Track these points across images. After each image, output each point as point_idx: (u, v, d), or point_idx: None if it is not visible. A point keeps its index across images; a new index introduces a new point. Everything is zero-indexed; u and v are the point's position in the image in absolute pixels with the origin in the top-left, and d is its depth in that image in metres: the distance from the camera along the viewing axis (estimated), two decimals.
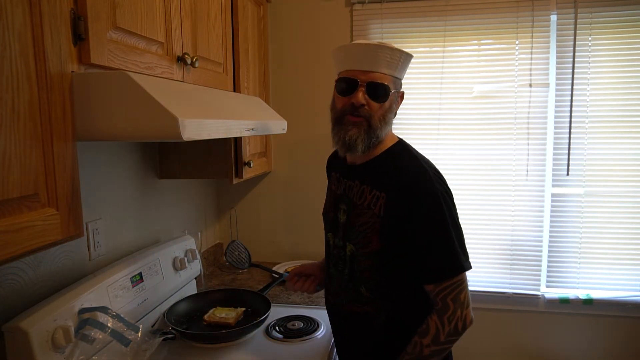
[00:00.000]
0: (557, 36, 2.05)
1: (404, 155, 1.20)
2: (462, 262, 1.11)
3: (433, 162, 1.25)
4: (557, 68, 2.07)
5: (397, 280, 1.17)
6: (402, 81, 1.23)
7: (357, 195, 1.20)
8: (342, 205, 1.25)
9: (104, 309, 1.17)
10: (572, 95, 2.06)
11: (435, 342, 1.10)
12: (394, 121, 2.40)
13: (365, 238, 1.15)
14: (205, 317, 1.56)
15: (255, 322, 1.46)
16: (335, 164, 1.37)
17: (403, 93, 1.24)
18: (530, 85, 2.08)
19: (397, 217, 1.11)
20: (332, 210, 1.29)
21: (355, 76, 1.13)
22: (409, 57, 1.18)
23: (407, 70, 2.03)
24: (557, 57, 2.06)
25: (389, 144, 1.22)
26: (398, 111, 1.25)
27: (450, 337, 1.10)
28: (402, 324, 1.18)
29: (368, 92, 1.12)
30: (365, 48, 1.13)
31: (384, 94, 1.13)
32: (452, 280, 1.10)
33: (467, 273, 1.13)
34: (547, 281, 2.20)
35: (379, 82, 1.12)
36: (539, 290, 2.20)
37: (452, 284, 1.10)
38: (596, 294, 2.15)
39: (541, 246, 2.16)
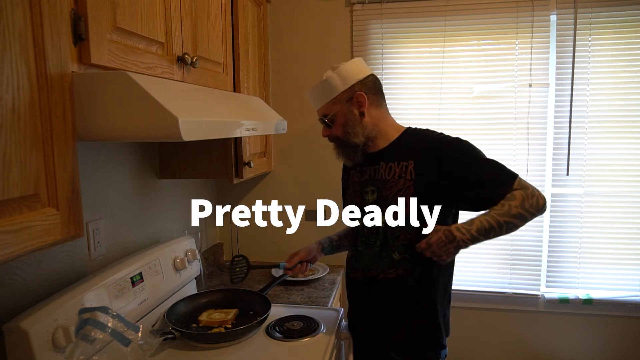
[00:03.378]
0: (557, 36, 2.05)
1: (422, 130, 1.45)
2: (511, 171, 1.30)
3: None
4: (557, 68, 2.07)
5: None
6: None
7: (385, 172, 1.39)
8: (370, 187, 1.42)
9: (104, 309, 1.17)
10: (572, 95, 2.06)
11: (522, 206, 1.23)
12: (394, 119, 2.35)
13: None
14: (199, 318, 1.55)
15: (255, 322, 1.46)
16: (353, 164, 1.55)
17: (357, 94, 1.37)
18: (530, 85, 2.08)
19: (429, 173, 1.31)
20: (359, 196, 1.46)
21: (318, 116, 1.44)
22: (340, 72, 1.36)
23: (407, 70, 2.07)
24: (557, 57, 2.07)
25: (401, 129, 1.44)
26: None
27: (532, 208, 1.24)
28: (429, 279, 1.36)
29: (324, 124, 1.42)
30: (309, 94, 1.43)
31: (331, 120, 1.40)
32: (514, 184, 1.27)
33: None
34: (547, 281, 2.21)
35: (322, 115, 1.41)
36: (538, 290, 2.20)
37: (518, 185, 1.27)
38: (596, 294, 2.15)
39: (541, 246, 2.16)
